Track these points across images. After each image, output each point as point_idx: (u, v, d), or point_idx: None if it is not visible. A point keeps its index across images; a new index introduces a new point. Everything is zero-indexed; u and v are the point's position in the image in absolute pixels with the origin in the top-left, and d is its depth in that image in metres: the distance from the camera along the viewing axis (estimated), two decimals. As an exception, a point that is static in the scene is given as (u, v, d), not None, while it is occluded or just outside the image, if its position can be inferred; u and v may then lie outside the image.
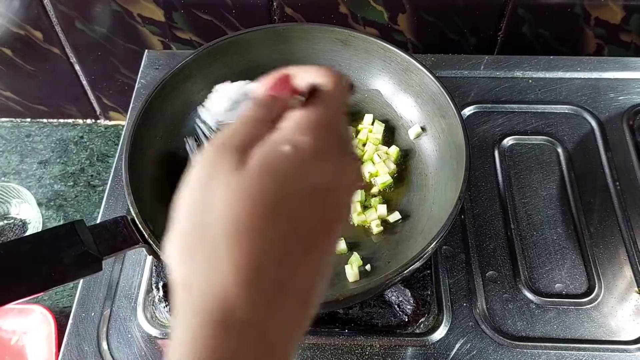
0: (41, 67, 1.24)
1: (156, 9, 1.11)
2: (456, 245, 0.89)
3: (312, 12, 1.11)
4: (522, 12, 1.10)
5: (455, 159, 0.80)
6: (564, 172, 0.97)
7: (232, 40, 0.91)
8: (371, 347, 0.80)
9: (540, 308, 0.83)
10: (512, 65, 1.10)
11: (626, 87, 1.07)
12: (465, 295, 0.84)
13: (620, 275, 0.86)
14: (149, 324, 0.82)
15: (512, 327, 0.82)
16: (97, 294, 0.85)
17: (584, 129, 1.02)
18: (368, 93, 0.95)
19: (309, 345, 0.80)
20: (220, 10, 1.11)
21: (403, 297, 0.80)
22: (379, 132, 0.92)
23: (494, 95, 1.07)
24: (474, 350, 0.80)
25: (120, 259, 0.89)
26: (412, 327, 0.81)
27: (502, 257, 0.88)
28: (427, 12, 1.10)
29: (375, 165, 0.88)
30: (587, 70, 1.09)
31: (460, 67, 1.10)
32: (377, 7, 1.10)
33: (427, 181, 0.87)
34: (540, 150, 1.00)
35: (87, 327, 0.82)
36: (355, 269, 0.78)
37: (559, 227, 0.91)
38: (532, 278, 0.86)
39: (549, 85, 1.08)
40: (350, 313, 0.81)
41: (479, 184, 0.95)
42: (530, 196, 0.94)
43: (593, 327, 0.82)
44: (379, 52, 0.91)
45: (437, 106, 0.86)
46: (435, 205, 0.82)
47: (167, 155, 0.88)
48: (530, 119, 1.03)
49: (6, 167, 1.30)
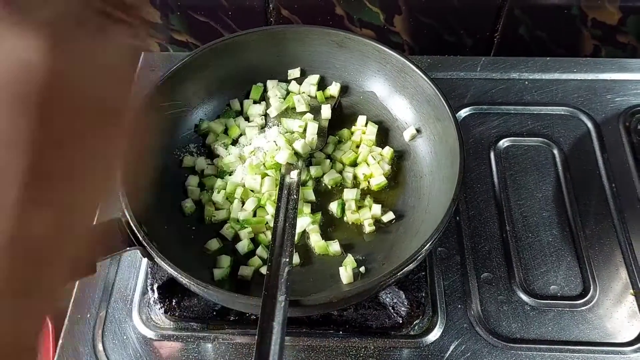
0: (39, 69, 1.24)
1: (153, 10, 1.11)
2: (451, 247, 0.89)
3: (309, 13, 1.11)
4: (518, 13, 1.10)
5: (450, 161, 0.80)
6: (559, 174, 0.97)
7: (228, 42, 0.91)
8: (365, 349, 0.80)
9: (535, 310, 0.83)
10: (508, 67, 1.10)
11: (623, 88, 1.07)
12: (460, 297, 0.84)
13: (615, 277, 0.86)
14: (144, 325, 0.82)
15: (507, 329, 0.82)
16: (93, 296, 0.85)
17: (580, 130, 1.02)
18: (363, 95, 0.95)
19: (304, 346, 0.81)
20: (217, 12, 1.11)
21: (397, 299, 0.80)
22: (372, 133, 0.92)
23: (490, 96, 1.07)
24: (468, 352, 0.80)
25: (116, 260, 0.89)
26: (406, 328, 0.81)
27: (497, 258, 0.88)
28: (423, 13, 1.10)
29: (370, 167, 0.88)
30: (583, 72, 1.09)
31: (456, 69, 1.10)
32: (373, 9, 1.10)
33: (422, 183, 0.87)
34: (536, 151, 1.00)
35: (82, 329, 0.82)
36: (349, 270, 0.78)
37: (554, 229, 0.91)
38: (527, 280, 0.86)
39: (545, 86, 1.08)
40: (344, 315, 0.81)
41: (474, 186, 0.95)
42: (526, 198, 0.94)
43: (588, 329, 0.82)
44: (374, 54, 0.91)
45: (432, 108, 0.86)
46: (430, 206, 0.82)
47: (162, 158, 0.88)
48: (526, 121, 1.03)
49: (4, 169, 1.30)
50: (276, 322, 0.62)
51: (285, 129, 0.91)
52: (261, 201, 0.85)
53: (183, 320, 0.82)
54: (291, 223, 0.76)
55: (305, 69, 0.97)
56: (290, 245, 0.72)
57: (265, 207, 0.85)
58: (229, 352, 0.80)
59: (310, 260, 0.82)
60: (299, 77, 0.97)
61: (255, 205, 0.84)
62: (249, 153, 0.89)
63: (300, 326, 0.81)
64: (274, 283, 0.66)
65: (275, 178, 0.85)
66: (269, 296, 0.65)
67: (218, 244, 0.82)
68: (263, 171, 0.86)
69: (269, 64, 0.96)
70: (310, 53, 0.95)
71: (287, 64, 0.96)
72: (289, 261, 0.70)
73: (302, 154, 0.87)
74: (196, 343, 0.81)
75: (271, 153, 0.86)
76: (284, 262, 0.70)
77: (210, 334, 0.82)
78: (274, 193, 0.84)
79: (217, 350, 0.80)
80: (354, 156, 0.90)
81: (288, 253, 0.71)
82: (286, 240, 0.73)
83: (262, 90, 0.96)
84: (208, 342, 0.81)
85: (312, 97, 0.95)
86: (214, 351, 0.80)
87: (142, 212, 0.74)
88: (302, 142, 0.87)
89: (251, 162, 0.87)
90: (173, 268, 0.68)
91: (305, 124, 0.90)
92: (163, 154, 0.88)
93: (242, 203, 0.86)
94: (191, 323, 0.82)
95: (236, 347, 0.81)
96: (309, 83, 0.95)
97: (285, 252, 0.71)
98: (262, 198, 0.85)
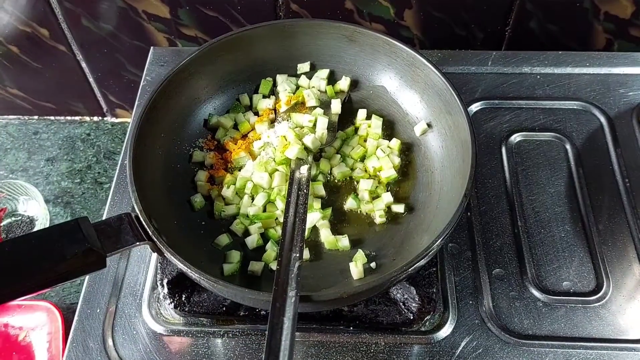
0: (48, 64, 1.24)
1: (161, 5, 1.11)
2: (462, 243, 0.88)
3: (318, 8, 1.10)
4: (530, 7, 1.08)
5: (461, 156, 0.80)
6: (572, 169, 0.96)
7: (236, 36, 0.90)
8: (376, 345, 0.80)
9: (548, 306, 0.82)
10: (520, 61, 1.09)
11: (636, 82, 1.06)
12: (471, 293, 0.84)
13: (629, 273, 0.85)
14: (154, 320, 0.82)
15: (519, 326, 0.81)
16: (103, 291, 0.85)
17: (593, 125, 1.01)
18: (374, 89, 0.94)
19: (314, 342, 0.80)
20: (226, 7, 1.11)
21: (408, 295, 0.80)
22: (377, 126, 0.91)
23: (502, 91, 1.05)
24: (479, 349, 0.79)
25: (126, 255, 0.89)
26: (417, 324, 0.81)
27: (509, 254, 0.87)
28: (433, 7, 1.09)
29: (380, 160, 0.87)
30: (596, 66, 1.08)
31: (467, 63, 1.09)
32: (383, 3, 1.09)
33: (433, 178, 0.86)
34: (548, 146, 0.99)
35: (92, 324, 0.82)
36: (359, 266, 0.78)
37: (566, 225, 0.90)
38: (539, 276, 0.85)
39: (558, 81, 1.06)
40: (355, 310, 0.80)
41: (485, 181, 0.95)
42: (538, 193, 0.93)
43: (601, 325, 0.81)
44: (385, 48, 0.90)
45: (443, 102, 0.85)
46: (441, 202, 0.82)
47: (172, 153, 0.88)
48: (538, 115, 1.02)
49: (14, 165, 1.30)
50: (286, 317, 0.61)
51: (295, 124, 0.90)
52: (271, 196, 0.84)
53: (193, 315, 0.82)
54: (301, 218, 0.76)
55: (315, 63, 0.96)
56: (301, 240, 0.72)
57: (275, 202, 0.84)
58: (238, 348, 0.80)
59: (321, 256, 0.82)
60: (309, 71, 0.96)
61: (265, 200, 0.84)
62: (258, 148, 0.89)
63: (311, 322, 0.81)
64: (284, 278, 0.66)
65: (285, 173, 0.85)
66: (279, 291, 0.64)
67: (228, 239, 0.82)
68: (273, 167, 0.86)
69: (278, 58, 0.95)
70: (319, 47, 0.94)
71: (296, 58, 0.96)
72: (299, 256, 0.69)
73: (312, 149, 0.86)
74: (206, 338, 0.81)
75: (281, 148, 0.86)
76: (294, 257, 0.69)
77: (220, 329, 0.81)
78: (283, 188, 0.84)
79: (226, 346, 0.80)
80: (362, 151, 0.89)
81: (298, 248, 0.71)
82: (296, 235, 0.73)
83: (271, 84, 0.96)
84: (218, 338, 0.81)
85: (322, 92, 0.94)
86: (223, 346, 0.80)
87: (152, 207, 0.74)
88: (312, 137, 0.86)
89: (261, 158, 0.86)
90: (183, 263, 0.68)
91: (315, 119, 0.89)
92: (172, 149, 0.88)
93: (252, 198, 0.85)
94: (201, 318, 0.82)
95: (246, 343, 0.80)
96: (318, 77, 0.95)
97: (295, 247, 0.71)
98: (272, 193, 0.84)
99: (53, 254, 0.63)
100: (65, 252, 0.63)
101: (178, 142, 0.89)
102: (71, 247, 0.64)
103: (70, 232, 0.65)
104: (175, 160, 0.88)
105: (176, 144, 0.88)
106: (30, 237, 0.65)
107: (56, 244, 0.64)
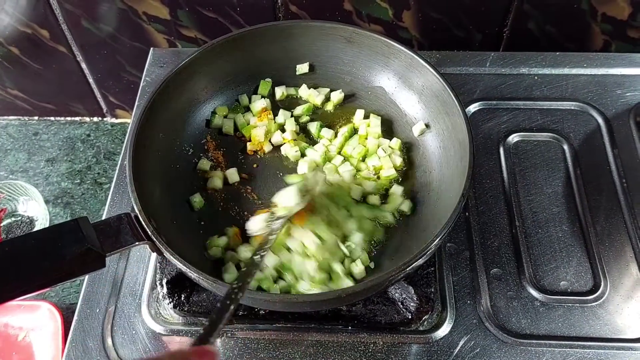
0: (48, 65, 1.24)
1: (161, 7, 1.11)
2: (460, 243, 0.89)
3: (317, 9, 1.11)
4: (527, 8, 1.09)
5: (459, 156, 0.80)
6: (569, 169, 0.96)
7: (235, 37, 0.91)
8: (374, 344, 0.80)
9: (545, 306, 0.83)
10: (517, 62, 1.10)
11: (633, 83, 1.06)
12: (469, 292, 0.84)
13: (626, 272, 0.86)
14: (153, 320, 0.83)
15: (517, 325, 0.81)
16: (102, 291, 0.86)
17: (590, 125, 1.01)
18: (372, 90, 0.95)
19: (312, 342, 0.80)
20: (225, 8, 1.11)
21: (406, 294, 0.80)
22: (377, 125, 0.91)
23: (500, 92, 1.06)
24: (477, 348, 0.79)
25: (125, 255, 0.89)
26: (415, 324, 0.81)
27: (507, 254, 0.88)
28: (432, 8, 1.10)
29: (380, 160, 0.88)
30: (593, 67, 1.08)
31: (465, 64, 1.10)
32: (382, 4, 1.09)
33: (431, 178, 0.86)
34: (546, 147, 0.99)
35: (92, 324, 0.83)
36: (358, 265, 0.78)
37: (564, 225, 0.90)
38: (537, 276, 0.85)
39: (555, 81, 1.07)
40: (353, 310, 0.80)
41: (483, 181, 0.95)
42: (536, 193, 0.94)
43: (598, 325, 0.81)
44: (383, 49, 0.91)
45: (442, 103, 0.86)
46: (439, 201, 0.82)
47: (171, 153, 0.88)
48: (535, 116, 1.02)
49: (14, 165, 1.31)
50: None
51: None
52: None
53: (192, 315, 0.82)
54: None
55: (314, 64, 0.96)
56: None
57: None
58: (237, 347, 0.80)
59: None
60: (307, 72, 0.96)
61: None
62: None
63: (309, 321, 0.81)
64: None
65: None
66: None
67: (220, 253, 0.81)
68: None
69: (277, 59, 0.96)
70: (318, 48, 0.95)
71: (295, 59, 0.96)
72: None
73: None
74: (205, 338, 0.81)
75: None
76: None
77: (219, 328, 0.82)
78: None
79: (225, 345, 0.81)
80: (364, 150, 0.89)
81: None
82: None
83: (270, 85, 0.96)
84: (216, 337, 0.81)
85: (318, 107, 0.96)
86: (222, 346, 0.81)
87: (151, 207, 0.74)
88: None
89: None
90: (182, 262, 0.68)
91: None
92: (172, 149, 0.88)
93: None
94: (200, 318, 0.83)
95: (245, 342, 0.81)
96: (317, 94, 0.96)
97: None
98: None
99: (53, 254, 0.64)
100: (65, 252, 0.64)
101: (177, 143, 0.89)
102: (71, 247, 0.64)
103: (70, 232, 0.65)
104: (175, 161, 0.88)
105: (176, 144, 0.89)
106: (30, 237, 0.65)
107: (56, 244, 0.65)
